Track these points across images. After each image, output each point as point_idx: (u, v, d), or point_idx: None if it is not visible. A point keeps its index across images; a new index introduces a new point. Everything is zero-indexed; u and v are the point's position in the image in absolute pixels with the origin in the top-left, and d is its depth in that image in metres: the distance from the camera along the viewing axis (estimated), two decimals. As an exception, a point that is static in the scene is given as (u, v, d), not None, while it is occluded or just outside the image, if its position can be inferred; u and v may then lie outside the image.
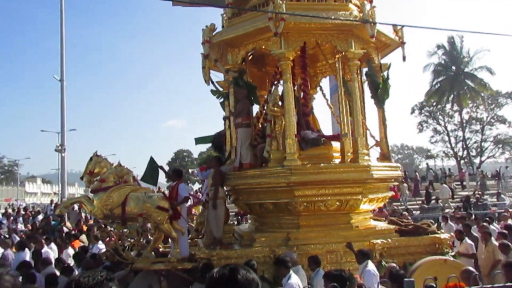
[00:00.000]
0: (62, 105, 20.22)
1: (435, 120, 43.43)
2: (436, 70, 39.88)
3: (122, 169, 7.78)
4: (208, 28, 7.57)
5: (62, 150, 19.74)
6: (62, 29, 20.23)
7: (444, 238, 7.12)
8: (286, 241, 6.78)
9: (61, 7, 20.26)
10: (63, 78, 20.18)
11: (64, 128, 20.38)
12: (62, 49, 20.18)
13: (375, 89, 7.82)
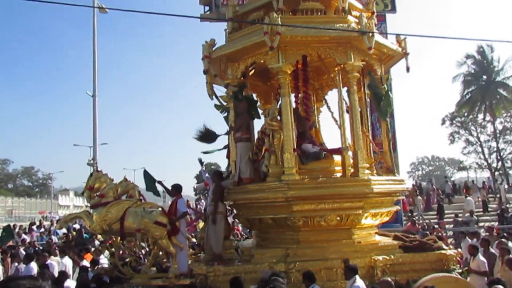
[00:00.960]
0: (94, 120, 20.53)
1: (467, 131, 42.22)
2: (466, 80, 38.87)
3: (127, 184, 7.86)
4: (208, 43, 7.62)
5: (94, 164, 20.02)
6: (94, 46, 20.64)
7: (450, 255, 6.87)
8: (285, 257, 6.66)
9: (94, 26, 20.69)
10: (95, 93, 20.53)
11: (96, 142, 20.70)
12: (95, 66, 20.57)
13: (377, 101, 7.69)
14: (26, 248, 12.27)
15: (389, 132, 7.80)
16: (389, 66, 8.39)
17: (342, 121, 7.38)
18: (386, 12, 20.07)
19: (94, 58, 20.57)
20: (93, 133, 20.53)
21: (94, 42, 20.60)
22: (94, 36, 20.66)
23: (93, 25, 20.68)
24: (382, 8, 19.96)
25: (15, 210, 55.82)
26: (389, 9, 20.15)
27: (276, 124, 7.01)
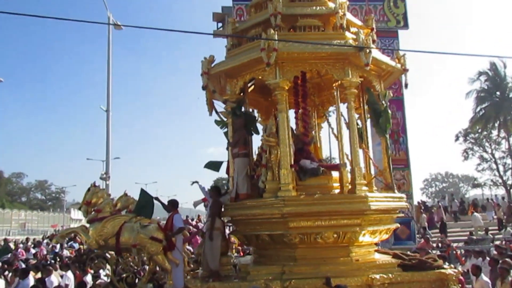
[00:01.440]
0: (108, 135, 20.66)
1: (481, 147, 41.69)
2: (480, 96, 38.54)
3: (127, 199, 7.90)
4: (207, 59, 7.68)
5: (107, 178, 20.12)
6: (109, 62, 20.90)
7: (449, 274, 6.72)
8: (281, 275, 6.58)
9: (108, 42, 21.00)
10: (109, 108, 20.71)
11: (109, 157, 20.78)
12: (109, 81, 20.80)
13: (376, 118, 7.65)
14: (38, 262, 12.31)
15: (388, 149, 7.74)
16: (389, 83, 8.36)
17: (340, 137, 7.35)
18: (399, 29, 20.12)
19: (108, 73, 20.79)
20: (106, 147, 20.66)
21: (108, 58, 20.87)
22: (109, 51, 20.93)
23: (108, 41, 20.97)
24: (394, 25, 20.04)
25: (28, 224, 56.41)
26: (401, 25, 20.21)
27: (273, 140, 7.00)
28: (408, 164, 18.60)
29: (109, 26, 20.77)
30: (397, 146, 18.58)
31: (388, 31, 20.03)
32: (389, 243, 17.52)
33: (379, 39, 20.11)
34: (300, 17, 7.44)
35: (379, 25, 20.21)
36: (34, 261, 12.89)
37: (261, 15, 7.71)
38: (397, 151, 18.52)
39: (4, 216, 54.13)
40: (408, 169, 18.53)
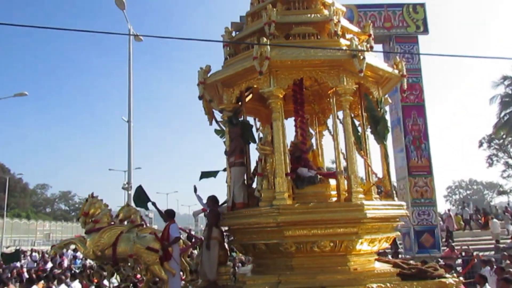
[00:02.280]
0: (129, 145, 20.86)
1: (506, 154, 40.80)
2: (504, 101, 37.76)
3: (129, 209, 7.96)
4: (203, 69, 7.73)
5: (128, 188, 20.29)
6: (130, 73, 21.09)
7: (450, 283, 6.57)
8: (277, 284, 6.52)
9: (129, 53, 21.25)
10: (130, 119, 20.91)
11: (131, 167, 20.96)
12: (130, 92, 20.98)
13: (374, 125, 7.57)
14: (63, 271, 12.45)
15: (387, 156, 7.62)
16: (388, 89, 8.28)
17: (336, 144, 7.28)
18: (418, 34, 19.96)
19: (129, 84, 20.97)
20: (128, 157, 20.87)
21: (129, 69, 21.07)
22: (130, 63, 21.17)
23: (129, 53, 21.20)
24: (414, 30, 19.93)
25: (53, 234, 57.41)
26: (421, 30, 20.09)
27: (268, 148, 6.97)
28: (430, 170, 18.34)
29: (130, 38, 21.04)
30: (419, 152, 18.37)
31: (408, 37, 19.93)
32: (412, 251, 17.26)
33: (399, 45, 20.11)
34: (295, 25, 7.44)
35: (399, 31, 20.20)
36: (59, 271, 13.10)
37: (257, 24, 7.74)
38: (419, 157, 18.30)
39: (30, 227, 55.37)
40: (431, 176, 18.26)
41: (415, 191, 18.05)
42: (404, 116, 18.62)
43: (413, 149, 18.54)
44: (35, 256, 25.77)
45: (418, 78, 19.03)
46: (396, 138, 19.25)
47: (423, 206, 18.05)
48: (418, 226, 17.79)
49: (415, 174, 18.24)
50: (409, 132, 18.59)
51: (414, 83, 18.94)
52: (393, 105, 19.55)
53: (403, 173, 18.64)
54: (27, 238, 49.63)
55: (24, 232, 53.10)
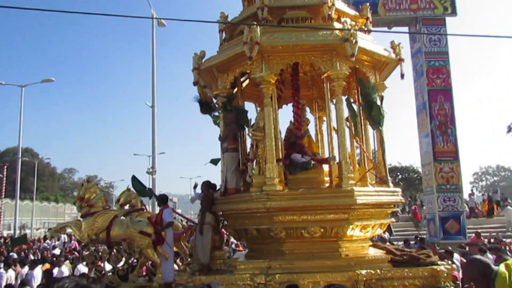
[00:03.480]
0: (153, 130, 21.06)
1: None
2: None
3: (130, 194, 8.10)
4: (198, 55, 7.72)
5: (153, 172, 20.57)
6: (153, 58, 21.17)
7: (441, 271, 6.49)
8: (267, 269, 6.55)
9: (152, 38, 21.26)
10: (154, 104, 21.08)
11: (155, 152, 21.17)
12: (153, 77, 21.05)
13: (369, 110, 7.44)
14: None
15: (383, 142, 7.50)
16: (387, 73, 8.10)
17: (329, 130, 7.21)
18: (446, 16, 19.39)
19: (153, 69, 21.00)
20: (152, 142, 21.06)
21: (153, 54, 21.12)
22: (153, 48, 21.22)
23: (152, 38, 21.22)
24: (442, 12, 19.35)
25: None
26: (449, 12, 19.51)
27: (259, 134, 6.97)
28: (457, 156, 17.92)
29: (153, 24, 21.07)
30: (445, 137, 17.98)
31: (435, 19, 19.35)
32: (437, 237, 17.02)
33: (425, 27, 19.58)
34: (288, 9, 7.35)
35: (425, 13, 19.65)
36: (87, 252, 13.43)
37: (251, 9, 7.66)
38: (445, 143, 17.92)
39: (58, 210, 57.46)
40: (457, 162, 17.85)
41: (441, 176, 17.65)
42: (430, 101, 18.14)
43: (439, 134, 18.10)
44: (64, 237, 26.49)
45: (445, 62, 18.51)
46: (421, 123, 18.81)
47: (449, 192, 17.66)
48: (443, 212, 17.40)
49: (441, 159, 17.80)
50: (435, 117, 18.10)
51: (441, 67, 18.44)
52: (418, 89, 19.09)
53: (428, 159, 18.21)
54: (55, 220, 51.20)
55: (52, 215, 55.08)
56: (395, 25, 19.90)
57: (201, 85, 7.81)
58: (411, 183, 48.62)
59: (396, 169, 51.00)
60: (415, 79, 19.70)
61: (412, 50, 19.95)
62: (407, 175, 49.79)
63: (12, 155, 45.56)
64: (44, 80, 28.25)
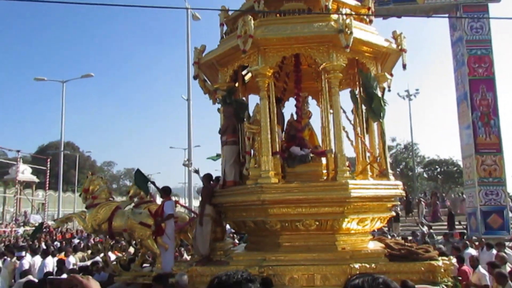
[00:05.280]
0: (189, 123, 21.50)
1: None
2: None
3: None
4: (198, 49, 7.81)
5: (189, 165, 20.99)
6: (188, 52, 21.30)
7: (438, 266, 6.35)
8: (261, 261, 6.61)
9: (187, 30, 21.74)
10: (190, 97, 21.39)
11: (190, 144, 21.67)
12: (189, 70, 21.17)
13: (369, 102, 7.32)
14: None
15: (383, 134, 7.37)
16: (390, 64, 7.93)
17: (327, 122, 7.16)
18: (489, 2, 18.66)
19: (188, 63, 21.07)
20: (188, 135, 21.50)
21: (188, 48, 21.30)
22: (188, 41, 21.53)
23: (187, 31, 21.58)
24: None
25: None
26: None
27: (255, 127, 7.00)
28: (500, 148, 17.22)
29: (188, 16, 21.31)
30: (487, 129, 17.33)
31: (476, 5, 18.62)
32: (479, 232, 16.54)
33: (466, 14, 18.86)
34: (286, 1, 7.30)
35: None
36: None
37: (249, 2, 7.66)
38: (487, 134, 17.29)
39: (100, 202, 59.07)
40: (500, 154, 17.15)
41: (483, 169, 16.96)
42: (472, 91, 17.39)
43: (480, 126, 17.37)
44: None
45: (487, 50, 17.69)
46: (462, 114, 18.13)
47: (491, 186, 16.93)
48: (485, 206, 16.73)
49: (483, 151, 17.07)
50: (477, 108, 17.31)
51: (484, 55, 17.63)
52: (459, 79, 18.40)
53: (469, 151, 17.51)
54: (96, 211, 52.95)
55: (93, 206, 56.75)
56: (434, 13, 19.11)
57: (202, 79, 7.88)
58: (450, 177, 47.29)
59: (435, 162, 49.67)
60: (455, 69, 18.87)
61: (453, 38, 19.08)
62: (446, 168, 48.39)
63: (54, 149, 47.28)
64: (84, 76, 29.09)
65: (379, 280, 1.55)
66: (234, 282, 1.63)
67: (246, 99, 8.70)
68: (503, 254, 7.68)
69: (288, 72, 8.77)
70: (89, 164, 72.12)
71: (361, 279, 1.59)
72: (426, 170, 51.45)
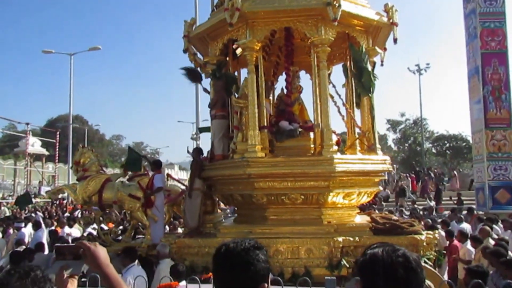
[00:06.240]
0: (197, 97, 21.43)
1: None
2: None
3: None
4: (188, 22, 7.76)
5: (197, 138, 21.02)
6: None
7: (420, 240, 6.42)
8: (247, 234, 6.70)
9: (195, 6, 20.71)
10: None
11: (198, 119, 21.63)
12: None
13: (359, 76, 7.28)
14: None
15: (372, 109, 7.34)
16: (382, 38, 7.83)
17: (315, 97, 7.13)
18: None
19: None
20: (195, 110, 21.55)
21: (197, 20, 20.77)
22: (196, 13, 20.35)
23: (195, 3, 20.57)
24: None
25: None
26: None
27: (242, 101, 7.00)
28: (510, 123, 16.80)
29: None
30: (498, 103, 16.96)
31: None
32: (486, 207, 16.54)
33: None
34: (275, -27, 7.17)
35: None
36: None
37: (239, -26, 7.53)
38: (498, 109, 16.95)
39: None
40: (510, 129, 16.71)
41: (492, 144, 16.67)
42: (484, 65, 16.82)
43: (491, 100, 16.99)
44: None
45: (501, 23, 17.07)
46: (473, 88, 17.66)
47: (500, 161, 16.68)
48: (493, 181, 16.46)
49: (493, 126, 16.70)
50: (488, 82, 16.80)
51: (497, 28, 17.05)
52: (471, 53, 17.96)
53: (479, 126, 17.12)
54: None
55: (103, 179, 57.55)
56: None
57: (192, 53, 7.85)
58: (459, 152, 46.97)
59: (444, 137, 49.17)
60: (467, 42, 18.34)
61: (466, 11, 18.45)
62: (455, 143, 48.00)
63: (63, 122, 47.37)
64: (91, 48, 28.67)
65: (399, 252, 1.56)
66: (242, 249, 1.65)
67: (238, 74, 8.68)
68: (487, 228, 7.71)
69: (281, 46, 8.68)
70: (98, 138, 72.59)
71: (381, 249, 1.59)
72: (434, 145, 51.04)
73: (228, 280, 1.60)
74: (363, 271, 1.59)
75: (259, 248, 1.70)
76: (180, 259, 6.83)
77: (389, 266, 1.49)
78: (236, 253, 1.61)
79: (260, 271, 1.61)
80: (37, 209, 18.35)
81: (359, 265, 1.61)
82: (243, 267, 1.58)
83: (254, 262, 1.59)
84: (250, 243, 1.71)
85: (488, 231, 7.54)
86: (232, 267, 1.60)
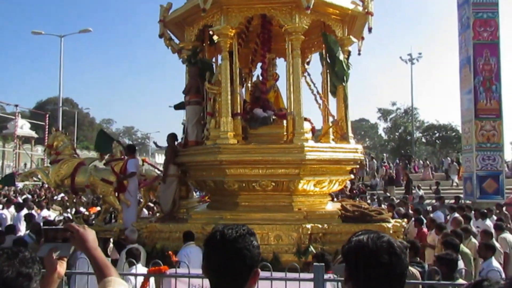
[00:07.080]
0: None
1: None
2: None
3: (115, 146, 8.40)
4: (164, 7, 7.70)
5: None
6: None
7: (387, 227, 6.52)
8: (218, 220, 6.77)
9: None
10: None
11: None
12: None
13: (332, 65, 7.31)
14: None
15: (346, 98, 7.39)
16: (359, 28, 7.85)
17: (288, 85, 7.15)
18: None
19: None
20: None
21: None
22: None
23: None
24: None
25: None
26: None
27: (215, 88, 7.00)
28: (500, 114, 16.91)
29: None
30: (488, 94, 17.00)
31: None
32: (473, 196, 16.73)
33: None
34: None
35: None
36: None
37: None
38: (488, 100, 17.00)
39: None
40: (500, 120, 16.86)
41: (481, 134, 16.80)
42: (475, 55, 16.88)
43: (482, 91, 17.04)
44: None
45: (494, 13, 17.05)
46: (464, 78, 17.70)
47: (489, 151, 16.87)
48: (481, 171, 16.60)
49: (482, 117, 16.78)
50: (480, 72, 16.84)
51: (489, 19, 16.97)
52: (463, 43, 17.94)
53: (469, 116, 17.21)
54: (96, 167, 53.51)
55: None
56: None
57: (167, 38, 7.81)
58: (448, 142, 47.34)
59: (433, 127, 49.38)
60: (460, 32, 18.32)
61: (459, 0, 18.48)
62: (445, 133, 48.32)
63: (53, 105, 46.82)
64: (82, 31, 28.11)
65: (383, 238, 1.60)
66: (237, 236, 1.64)
67: (216, 60, 8.66)
68: (459, 218, 7.88)
69: (259, 33, 8.66)
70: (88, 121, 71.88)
71: (366, 235, 1.63)
72: (424, 134, 51.38)
73: (223, 266, 1.61)
74: (348, 258, 1.63)
75: (253, 234, 1.71)
76: (151, 244, 6.90)
77: (374, 252, 1.53)
78: (232, 240, 1.61)
79: (255, 257, 1.62)
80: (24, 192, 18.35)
81: (345, 252, 1.65)
82: (240, 253, 1.58)
83: (250, 248, 1.60)
84: (244, 230, 1.70)
85: (460, 220, 7.69)
86: (228, 253, 1.60)
